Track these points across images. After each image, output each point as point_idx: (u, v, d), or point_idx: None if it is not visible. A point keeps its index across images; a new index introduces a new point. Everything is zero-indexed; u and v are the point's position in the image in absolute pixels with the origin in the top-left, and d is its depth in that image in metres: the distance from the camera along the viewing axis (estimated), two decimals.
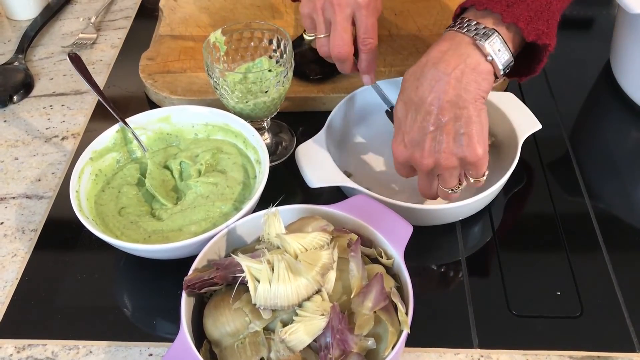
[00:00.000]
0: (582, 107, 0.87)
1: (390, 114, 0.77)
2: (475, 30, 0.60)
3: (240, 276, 0.53)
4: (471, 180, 0.64)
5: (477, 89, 0.59)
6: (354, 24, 0.71)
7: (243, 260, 0.52)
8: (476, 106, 0.60)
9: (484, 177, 0.64)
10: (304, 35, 0.74)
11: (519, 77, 0.66)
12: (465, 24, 0.61)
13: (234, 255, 0.53)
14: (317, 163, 0.69)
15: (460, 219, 0.70)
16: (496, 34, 0.59)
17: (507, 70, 0.62)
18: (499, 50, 0.59)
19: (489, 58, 0.59)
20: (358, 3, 0.68)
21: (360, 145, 0.80)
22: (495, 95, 0.76)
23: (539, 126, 0.73)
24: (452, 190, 0.64)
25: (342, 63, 0.72)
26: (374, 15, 0.71)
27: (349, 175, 0.72)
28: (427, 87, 0.60)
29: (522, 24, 0.59)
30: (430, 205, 0.66)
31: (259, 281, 0.51)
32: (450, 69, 0.59)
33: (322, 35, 0.71)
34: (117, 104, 0.77)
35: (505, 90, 0.83)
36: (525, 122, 0.73)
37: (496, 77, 0.61)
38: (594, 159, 0.79)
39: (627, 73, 0.86)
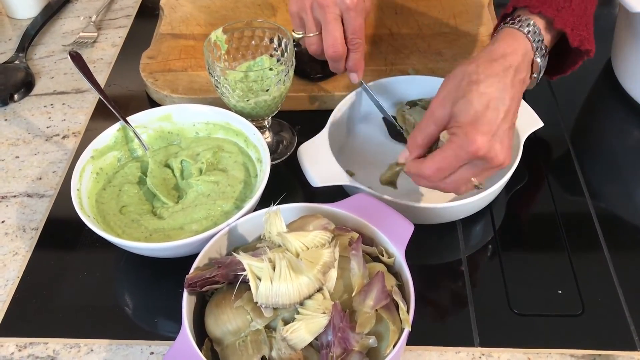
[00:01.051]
0: (583, 106, 0.87)
1: (387, 121, 0.78)
2: (533, 34, 0.63)
3: (242, 274, 0.52)
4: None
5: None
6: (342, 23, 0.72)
7: (244, 259, 0.52)
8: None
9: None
10: (293, 34, 0.76)
11: (549, 76, 0.69)
12: (525, 24, 0.63)
13: (235, 254, 0.53)
14: (319, 162, 0.69)
15: (462, 217, 0.70)
16: (543, 46, 0.63)
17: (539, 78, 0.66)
18: (542, 57, 0.63)
19: (536, 74, 0.64)
20: (346, 5, 0.70)
21: (363, 144, 0.79)
22: None
23: (540, 124, 0.73)
24: (479, 185, 0.63)
25: (335, 62, 0.74)
26: (362, 16, 0.73)
27: (351, 174, 0.72)
28: (509, 88, 0.60)
29: (569, 29, 0.62)
30: (431, 204, 0.66)
31: (260, 279, 0.51)
32: (514, 70, 0.61)
33: (311, 34, 0.74)
34: (118, 102, 0.77)
35: None
36: (526, 120, 0.73)
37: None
38: (595, 158, 0.79)
39: (628, 72, 0.86)
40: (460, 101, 0.60)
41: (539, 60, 0.63)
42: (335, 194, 0.70)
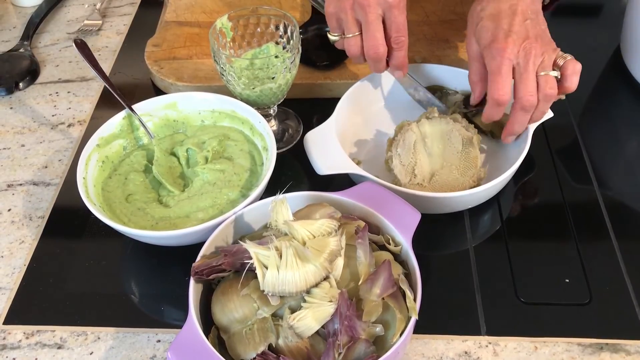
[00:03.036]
0: (591, 95, 0.86)
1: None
2: None
3: (248, 263, 0.52)
4: (562, 61, 0.68)
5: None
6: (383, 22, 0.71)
7: (251, 247, 0.52)
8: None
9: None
10: (329, 35, 0.73)
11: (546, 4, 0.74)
12: None
13: (241, 242, 0.53)
14: (326, 150, 0.68)
15: (470, 207, 0.70)
16: None
17: None
18: None
19: None
20: (389, 3, 0.69)
21: (370, 132, 0.79)
22: None
23: (550, 114, 0.72)
24: (553, 70, 0.66)
25: (377, 63, 0.73)
26: (404, 13, 0.72)
27: (358, 162, 0.71)
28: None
29: None
30: (439, 194, 0.66)
31: (267, 268, 0.51)
32: None
33: (350, 35, 0.71)
34: (123, 90, 0.76)
35: None
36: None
37: None
38: (603, 147, 0.78)
39: (638, 59, 0.85)
40: (477, 30, 0.68)
41: None
42: (342, 182, 0.69)
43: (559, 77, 0.66)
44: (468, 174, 0.69)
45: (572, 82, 0.67)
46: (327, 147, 0.69)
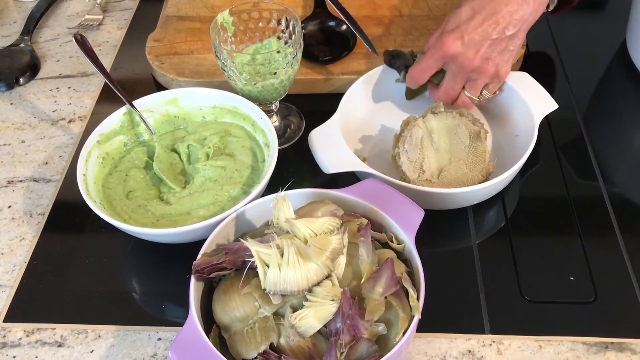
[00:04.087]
0: (596, 89, 0.85)
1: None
2: None
3: (250, 261, 0.52)
4: (488, 94, 0.72)
5: (536, 16, 0.67)
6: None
7: (252, 245, 0.51)
8: (525, 31, 0.68)
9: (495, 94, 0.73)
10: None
11: (550, 10, 0.72)
12: None
13: (242, 240, 0.53)
14: (331, 148, 0.68)
15: (474, 203, 0.69)
16: None
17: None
18: None
19: None
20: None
21: (374, 127, 0.78)
22: (509, 75, 0.74)
23: (555, 106, 0.71)
24: (478, 98, 0.72)
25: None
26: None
27: (363, 159, 0.70)
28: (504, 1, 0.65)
29: None
30: (442, 190, 0.65)
31: (268, 266, 0.51)
32: None
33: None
34: (124, 86, 0.76)
35: (519, 70, 0.82)
36: (541, 102, 0.71)
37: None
38: (608, 142, 0.78)
39: None
40: (452, 11, 0.68)
41: None
42: (344, 179, 0.69)
43: (475, 101, 0.73)
44: (477, 168, 0.68)
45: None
46: (332, 145, 0.68)
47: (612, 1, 1.00)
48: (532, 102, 0.71)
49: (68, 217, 0.71)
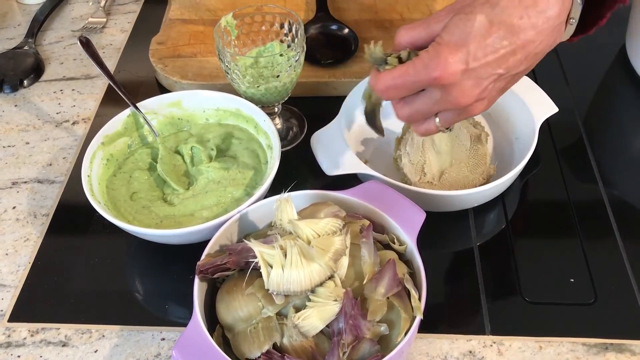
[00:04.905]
0: (596, 92, 0.86)
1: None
2: None
3: (253, 261, 0.52)
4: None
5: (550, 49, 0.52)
6: None
7: (255, 246, 0.52)
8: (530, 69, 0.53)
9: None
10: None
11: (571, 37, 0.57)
12: None
13: (246, 241, 0.53)
14: (333, 151, 0.68)
15: (476, 205, 0.70)
16: None
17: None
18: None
19: (572, 21, 0.52)
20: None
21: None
22: None
23: (555, 109, 0.72)
24: (449, 129, 0.56)
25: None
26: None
27: (365, 161, 0.71)
28: (532, 25, 0.48)
29: None
30: (444, 192, 0.66)
31: (271, 267, 0.51)
32: (557, 13, 0.49)
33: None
34: (128, 88, 0.76)
35: None
36: (541, 106, 0.72)
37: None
38: (608, 145, 0.78)
39: None
40: (458, 16, 0.49)
41: (573, 21, 0.52)
42: (346, 180, 0.69)
43: (444, 131, 0.56)
44: (477, 171, 0.69)
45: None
46: (334, 148, 0.69)
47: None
48: (532, 105, 0.72)
49: (72, 218, 0.72)
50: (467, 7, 0.49)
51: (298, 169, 0.75)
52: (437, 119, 0.54)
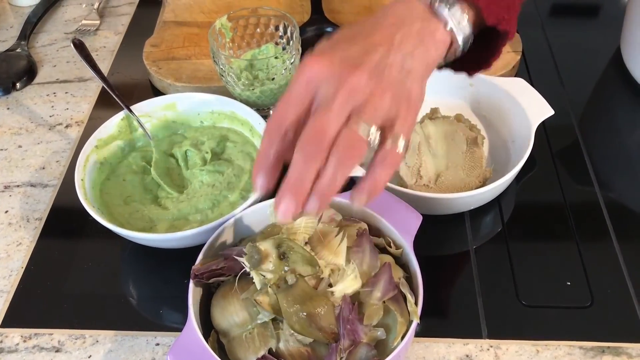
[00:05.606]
0: (592, 95, 0.86)
1: None
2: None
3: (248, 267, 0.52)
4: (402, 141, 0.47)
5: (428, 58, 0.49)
6: None
7: (247, 262, 0.51)
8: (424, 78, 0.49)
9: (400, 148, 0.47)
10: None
11: (468, 70, 0.56)
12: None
13: (238, 258, 0.53)
14: None
15: (471, 208, 0.70)
16: (457, 4, 0.50)
17: (466, 48, 0.52)
18: (459, 23, 0.50)
19: (448, 27, 0.50)
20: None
21: None
22: (505, 81, 0.75)
23: (551, 112, 0.72)
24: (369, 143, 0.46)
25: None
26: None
27: (361, 165, 0.71)
28: (384, 31, 0.48)
29: (482, 3, 0.51)
30: (440, 195, 0.65)
31: (264, 276, 0.51)
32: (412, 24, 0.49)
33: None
34: (121, 91, 0.76)
35: (515, 76, 0.82)
36: (537, 108, 0.72)
37: (447, 52, 0.52)
38: (604, 148, 0.78)
39: (638, 60, 0.84)
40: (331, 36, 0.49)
41: (450, 28, 0.50)
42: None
43: (376, 143, 0.46)
44: (474, 173, 0.69)
45: (377, 175, 0.48)
46: None
47: (606, 8, 1.01)
48: (528, 108, 0.72)
49: (65, 222, 0.71)
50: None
51: None
52: (353, 123, 0.46)
